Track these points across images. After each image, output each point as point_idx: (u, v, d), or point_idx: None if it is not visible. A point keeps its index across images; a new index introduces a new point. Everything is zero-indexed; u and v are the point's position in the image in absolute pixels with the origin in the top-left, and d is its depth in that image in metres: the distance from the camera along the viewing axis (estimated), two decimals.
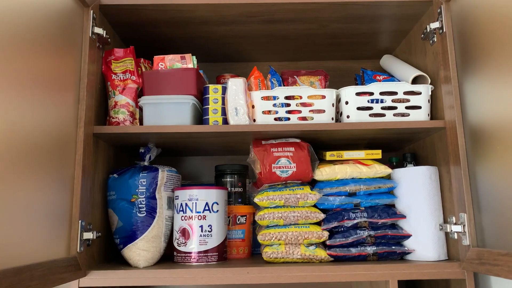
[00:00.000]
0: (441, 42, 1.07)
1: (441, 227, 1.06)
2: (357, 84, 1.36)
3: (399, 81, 1.19)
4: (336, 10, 1.16)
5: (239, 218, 1.21)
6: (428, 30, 1.12)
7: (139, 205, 1.09)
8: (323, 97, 1.11)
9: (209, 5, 1.11)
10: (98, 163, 1.11)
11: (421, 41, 1.21)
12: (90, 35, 1.05)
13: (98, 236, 1.04)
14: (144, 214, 1.09)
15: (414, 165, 1.21)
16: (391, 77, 1.26)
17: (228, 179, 1.28)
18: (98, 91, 1.11)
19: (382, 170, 1.11)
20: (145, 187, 1.10)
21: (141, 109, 1.13)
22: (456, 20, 1.04)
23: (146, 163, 1.17)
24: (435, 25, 1.09)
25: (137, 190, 1.10)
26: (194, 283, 0.98)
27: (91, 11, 1.05)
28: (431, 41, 1.13)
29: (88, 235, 0.99)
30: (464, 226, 0.98)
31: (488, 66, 0.90)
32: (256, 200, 1.09)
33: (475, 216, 0.96)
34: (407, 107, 1.11)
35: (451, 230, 1.02)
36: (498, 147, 0.87)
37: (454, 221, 1.02)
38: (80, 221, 0.96)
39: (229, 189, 1.26)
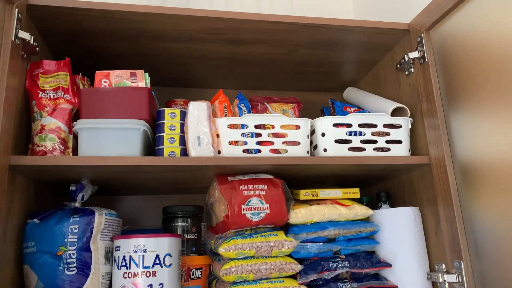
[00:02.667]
0: (423, 73, 1.00)
1: (429, 276, 0.94)
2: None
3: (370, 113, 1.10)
4: (308, 34, 1.05)
5: (193, 272, 1.00)
6: (405, 60, 1.05)
7: (68, 260, 0.84)
8: (298, 127, 0.97)
9: (165, 15, 0.94)
10: (14, 203, 0.84)
11: (393, 72, 1.14)
12: (13, 39, 0.81)
13: None
14: (75, 272, 0.83)
15: (389, 206, 1.10)
16: (362, 110, 1.16)
17: (179, 223, 1.07)
18: (19, 112, 0.86)
19: (363, 211, 0.98)
20: (76, 236, 0.86)
21: (75, 136, 0.89)
22: (436, 50, 0.98)
23: (77, 205, 0.93)
24: (413, 54, 1.02)
25: (65, 240, 0.85)
26: None
27: (16, 10, 0.83)
28: (407, 72, 1.06)
29: None
30: (459, 275, 0.86)
31: (475, 99, 0.84)
32: (221, 250, 0.89)
33: (472, 264, 0.86)
34: (387, 141, 1.00)
35: (444, 280, 0.90)
36: (488, 183, 0.79)
37: (445, 269, 0.91)
38: None
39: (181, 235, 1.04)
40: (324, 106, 1.25)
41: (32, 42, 0.87)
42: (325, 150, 0.98)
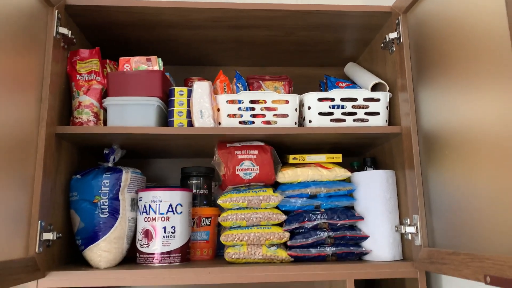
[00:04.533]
0: (399, 52, 1.13)
1: (396, 229, 1.10)
2: (321, 90, 1.40)
3: (361, 88, 1.24)
4: (301, 18, 1.20)
5: (203, 220, 1.22)
6: (387, 40, 1.17)
7: (102, 206, 1.09)
8: (287, 102, 1.15)
9: (174, 9, 1.13)
10: (61, 163, 1.10)
11: (381, 50, 1.26)
12: (54, 35, 1.04)
13: (59, 237, 1.03)
14: (107, 215, 1.09)
15: (373, 169, 1.25)
16: (353, 84, 1.30)
17: (194, 181, 1.29)
18: (62, 92, 1.10)
19: (342, 173, 1.15)
20: (108, 188, 1.10)
21: (105, 110, 1.13)
22: (412, 31, 1.10)
23: (110, 165, 1.17)
24: (393, 35, 1.15)
25: (100, 191, 1.10)
26: (155, 283, 0.99)
27: (56, 11, 1.05)
28: (390, 51, 1.19)
29: (48, 236, 0.98)
30: (416, 227, 1.02)
31: (440, 76, 0.96)
32: (219, 201, 1.11)
33: (427, 218, 1.01)
34: (366, 113, 1.15)
35: (405, 232, 1.06)
36: (446, 152, 0.92)
37: (409, 223, 1.07)
38: (39, 221, 0.95)
39: (194, 191, 1.27)
40: (321, 81, 1.40)
41: (70, 36, 1.10)
42: (310, 121, 1.15)
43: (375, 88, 1.20)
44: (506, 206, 0.74)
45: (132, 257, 1.14)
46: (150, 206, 1.10)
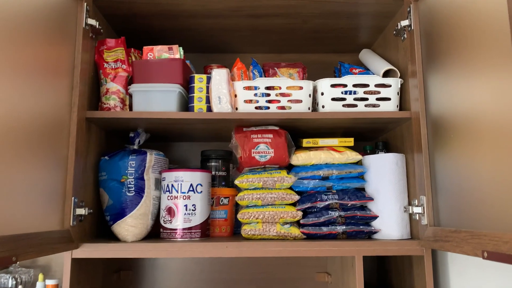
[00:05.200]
0: (410, 39, 1.16)
1: (405, 209, 1.16)
2: (335, 77, 1.45)
3: (373, 74, 1.28)
4: (316, 7, 1.24)
5: (222, 200, 1.30)
6: (399, 27, 1.21)
7: (128, 185, 1.18)
8: (301, 88, 1.20)
9: None
10: (91, 145, 1.19)
11: (394, 37, 1.29)
12: (84, 26, 1.12)
13: (90, 213, 1.13)
14: (133, 194, 1.18)
15: (385, 153, 1.30)
16: (366, 71, 1.34)
17: (213, 164, 1.37)
18: (91, 79, 1.19)
19: (353, 156, 1.21)
20: (134, 169, 1.19)
21: (131, 96, 1.21)
22: (423, 19, 1.13)
23: (135, 147, 1.26)
24: (405, 22, 1.18)
25: (126, 171, 1.19)
26: (177, 255, 1.07)
27: (85, 4, 1.13)
28: (402, 38, 1.22)
29: (81, 211, 1.08)
30: (423, 207, 1.07)
31: (448, 62, 0.99)
32: (236, 182, 1.19)
33: (433, 199, 1.06)
34: (377, 99, 1.20)
35: (413, 212, 1.12)
36: (452, 135, 0.97)
37: (416, 204, 1.12)
38: (73, 197, 1.04)
39: (213, 172, 1.35)
40: (336, 67, 1.44)
41: (97, 26, 1.18)
42: (323, 106, 1.20)
43: (387, 74, 1.24)
44: (506, 187, 0.78)
45: (156, 233, 1.23)
46: (172, 185, 1.19)
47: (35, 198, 0.90)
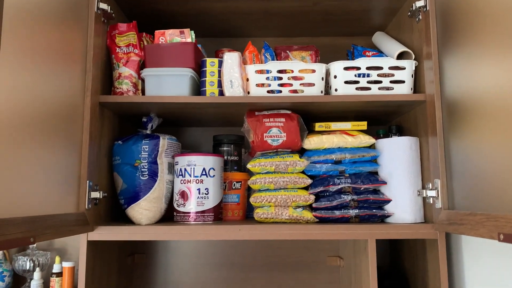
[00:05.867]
0: (425, 20, 1.14)
1: (418, 193, 1.15)
2: (348, 60, 1.43)
3: (387, 56, 1.26)
4: None
5: (234, 184, 1.31)
6: (414, 8, 1.18)
7: (142, 169, 1.19)
8: (313, 71, 1.19)
9: None
10: (104, 130, 1.20)
11: (408, 19, 1.27)
12: (96, 10, 1.12)
13: (104, 196, 1.15)
14: (147, 177, 1.19)
15: (398, 136, 1.29)
16: (380, 53, 1.32)
17: (225, 148, 1.37)
18: (103, 63, 1.19)
19: (367, 140, 1.20)
20: (147, 153, 1.20)
21: (143, 81, 1.21)
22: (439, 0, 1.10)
23: (148, 132, 1.27)
24: (420, 3, 1.15)
25: (140, 156, 1.20)
26: (190, 238, 1.08)
27: None
28: (417, 19, 1.20)
29: (95, 195, 1.09)
30: (437, 191, 1.07)
31: (464, 44, 0.97)
32: (249, 166, 1.19)
33: (447, 182, 1.05)
34: (391, 81, 1.18)
35: (427, 195, 1.11)
36: (468, 118, 0.95)
37: (430, 187, 1.11)
38: (88, 181, 1.06)
39: (225, 157, 1.35)
40: (349, 50, 1.43)
41: (109, 11, 1.18)
42: (336, 89, 1.19)
43: (401, 56, 1.22)
44: None
45: (169, 217, 1.25)
46: (185, 169, 1.19)
47: (51, 182, 0.91)
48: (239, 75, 1.17)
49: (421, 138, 1.19)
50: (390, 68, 1.18)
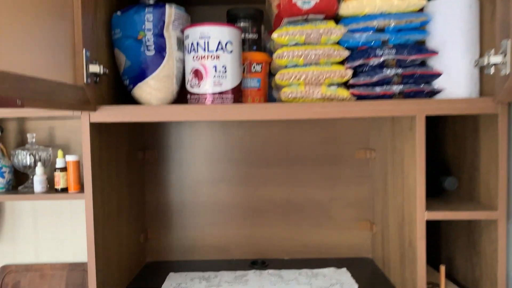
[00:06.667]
0: None
1: (476, 63, 0.97)
2: None
3: None
4: None
5: (254, 66, 1.13)
6: None
7: (147, 43, 1.01)
8: None
9: None
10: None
11: None
12: None
13: (105, 73, 0.97)
14: (153, 53, 1.01)
15: None
16: None
17: (242, 24, 1.17)
18: None
19: (416, 2, 0.99)
20: (152, 23, 1.01)
21: None
22: None
23: (151, 2, 1.06)
24: None
25: (143, 27, 1.01)
26: (210, 118, 0.93)
27: None
28: None
29: (95, 68, 0.92)
30: (505, 54, 0.88)
31: None
32: (274, 35, 1.00)
33: None
34: None
35: (489, 63, 0.93)
36: None
37: (494, 53, 0.93)
38: (84, 50, 0.88)
39: (242, 35, 1.15)
40: None
41: None
42: None
43: None
44: None
45: (181, 102, 1.08)
46: (198, 43, 1.01)
47: (41, 47, 0.73)
48: None
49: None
50: None
